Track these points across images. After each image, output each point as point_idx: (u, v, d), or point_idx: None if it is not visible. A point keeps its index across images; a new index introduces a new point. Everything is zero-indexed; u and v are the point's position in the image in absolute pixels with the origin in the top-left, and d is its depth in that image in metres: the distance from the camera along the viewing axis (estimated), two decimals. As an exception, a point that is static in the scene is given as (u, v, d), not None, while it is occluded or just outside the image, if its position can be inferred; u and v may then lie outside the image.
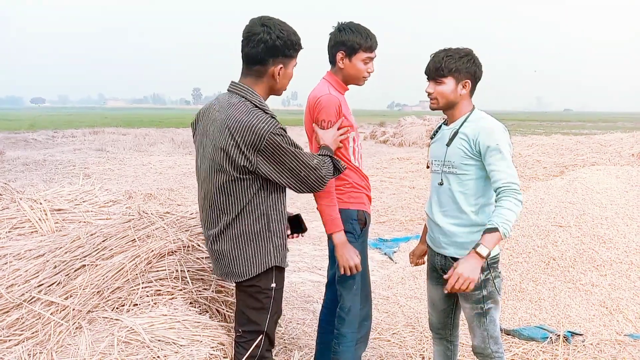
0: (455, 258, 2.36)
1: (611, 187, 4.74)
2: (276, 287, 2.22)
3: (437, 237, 2.45)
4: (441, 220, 2.40)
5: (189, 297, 2.79)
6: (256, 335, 2.23)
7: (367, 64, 2.56)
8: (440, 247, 2.45)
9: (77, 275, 2.78)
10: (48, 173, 11.55)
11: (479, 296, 2.38)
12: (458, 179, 2.33)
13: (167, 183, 10.42)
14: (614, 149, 10.22)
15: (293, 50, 2.11)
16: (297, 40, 2.12)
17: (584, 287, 3.97)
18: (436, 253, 2.50)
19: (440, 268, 2.49)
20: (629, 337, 3.57)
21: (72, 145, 18.13)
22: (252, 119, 2.02)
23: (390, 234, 6.96)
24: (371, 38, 2.53)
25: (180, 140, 20.06)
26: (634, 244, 4.16)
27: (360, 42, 2.49)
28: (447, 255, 2.42)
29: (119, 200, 4.19)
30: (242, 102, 2.08)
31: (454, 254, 2.39)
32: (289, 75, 2.17)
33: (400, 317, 4.12)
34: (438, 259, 2.49)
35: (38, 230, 3.39)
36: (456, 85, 2.30)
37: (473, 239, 2.30)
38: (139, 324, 2.42)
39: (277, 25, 2.06)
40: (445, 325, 2.66)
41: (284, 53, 2.08)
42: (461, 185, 2.33)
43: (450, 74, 2.29)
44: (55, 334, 2.52)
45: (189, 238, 2.98)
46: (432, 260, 2.57)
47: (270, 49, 2.05)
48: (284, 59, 2.10)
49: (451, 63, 2.27)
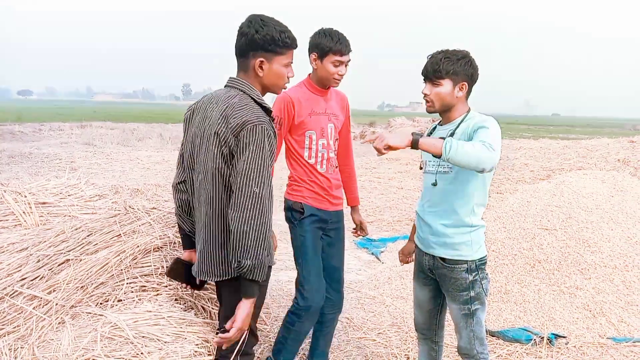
0: (444, 259, 2.39)
1: (597, 192, 4.78)
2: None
3: (427, 237, 2.45)
4: (432, 221, 2.41)
5: (174, 293, 2.77)
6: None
7: (337, 66, 2.74)
8: (429, 247, 2.46)
9: (60, 269, 2.75)
10: (34, 166, 11.43)
11: (467, 297, 2.38)
12: (452, 179, 2.33)
13: (155, 178, 10.35)
14: (600, 154, 10.31)
15: (275, 45, 2.06)
16: (282, 37, 2.06)
17: (568, 290, 4.00)
18: (424, 253, 2.50)
19: (429, 269, 2.50)
20: (612, 340, 3.61)
21: (59, 138, 17.97)
22: (248, 108, 2.01)
23: (378, 234, 6.97)
24: (342, 42, 2.70)
25: (169, 136, 19.95)
26: (618, 248, 4.20)
27: (330, 45, 2.69)
28: (436, 256, 2.42)
29: (105, 195, 4.15)
30: (240, 94, 2.09)
31: (442, 254, 2.40)
32: (275, 71, 2.12)
33: (386, 316, 4.13)
34: (426, 260, 2.49)
35: (22, 223, 3.35)
36: (453, 87, 2.29)
37: (463, 239, 2.35)
38: (123, 319, 2.39)
39: (260, 20, 2.05)
40: (430, 325, 2.66)
41: (263, 47, 2.05)
42: (455, 185, 2.32)
43: (448, 75, 2.27)
44: (38, 328, 2.49)
45: (175, 234, 2.96)
46: (419, 260, 2.57)
47: (249, 42, 2.06)
48: (264, 54, 2.07)
49: (449, 65, 2.26)
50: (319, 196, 2.87)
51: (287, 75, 2.17)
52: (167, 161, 12.68)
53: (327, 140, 2.87)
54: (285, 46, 2.09)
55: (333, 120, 2.90)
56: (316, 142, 2.83)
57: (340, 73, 2.76)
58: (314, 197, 2.87)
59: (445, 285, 2.45)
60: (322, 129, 2.83)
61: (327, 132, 2.86)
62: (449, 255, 2.38)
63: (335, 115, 2.92)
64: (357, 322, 4.02)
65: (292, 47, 2.13)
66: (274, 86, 2.17)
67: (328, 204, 2.91)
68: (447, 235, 2.37)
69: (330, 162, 2.90)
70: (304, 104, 2.79)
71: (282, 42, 2.07)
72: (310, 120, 2.79)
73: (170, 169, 11.59)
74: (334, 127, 2.90)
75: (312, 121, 2.80)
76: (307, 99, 2.81)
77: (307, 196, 2.86)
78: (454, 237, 2.36)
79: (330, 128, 2.88)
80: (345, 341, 3.70)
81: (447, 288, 2.44)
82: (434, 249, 2.43)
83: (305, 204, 2.85)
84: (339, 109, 2.97)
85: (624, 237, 4.30)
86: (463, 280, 2.38)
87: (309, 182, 2.86)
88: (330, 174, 2.90)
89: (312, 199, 2.86)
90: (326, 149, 2.87)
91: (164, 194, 8.81)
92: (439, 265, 2.43)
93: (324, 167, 2.87)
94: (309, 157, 2.84)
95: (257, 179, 1.94)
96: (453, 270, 2.39)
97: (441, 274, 2.44)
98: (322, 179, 2.87)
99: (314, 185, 2.86)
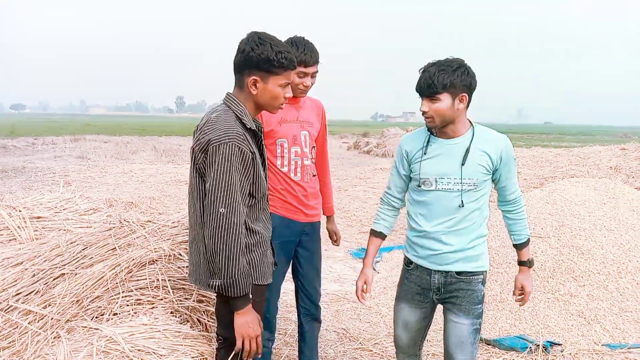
0: (460, 272, 2.30)
1: (589, 199, 4.82)
2: (255, 299, 2.16)
3: (443, 256, 2.30)
4: (455, 240, 2.28)
5: (169, 306, 2.76)
6: (230, 346, 2.20)
7: (302, 77, 2.73)
8: (443, 264, 2.31)
9: (56, 284, 2.75)
10: (27, 180, 11.38)
11: (480, 310, 2.34)
12: (476, 196, 2.26)
13: (149, 191, 10.33)
14: (593, 161, 10.39)
15: (270, 65, 2.04)
16: (278, 57, 2.04)
17: (562, 297, 4.02)
18: (435, 271, 2.34)
19: (437, 288, 2.35)
20: (606, 347, 3.63)
21: (53, 152, 17.89)
22: (219, 124, 2.01)
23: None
24: (306, 53, 2.69)
25: (163, 149, 19.91)
26: (611, 255, 4.23)
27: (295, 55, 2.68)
28: (452, 271, 2.31)
29: (99, 209, 4.15)
30: (223, 110, 2.09)
31: (464, 268, 2.30)
32: (270, 91, 2.10)
33: (382, 327, 4.13)
34: (437, 278, 2.34)
35: (17, 238, 3.34)
36: (453, 100, 2.15)
37: (482, 250, 2.34)
38: (119, 333, 2.39)
39: (258, 38, 2.05)
40: (416, 342, 2.54)
41: (258, 66, 2.05)
42: (477, 202, 2.27)
43: (445, 90, 2.13)
44: (33, 343, 2.48)
45: (171, 247, 2.97)
46: (419, 281, 2.40)
47: (245, 59, 2.06)
48: (259, 72, 2.06)
49: (445, 78, 2.11)
50: (292, 206, 2.83)
51: (282, 96, 2.13)
52: (161, 174, 12.65)
53: (301, 148, 2.83)
54: (281, 67, 2.06)
55: (307, 128, 2.87)
56: (288, 149, 2.79)
57: (305, 84, 2.75)
58: (286, 207, 2.82)
59: (457, 299, 2.33)
60: (294, 137, 2.80)
61: (300, 139, 2.82)
62: (471, 267, 2.30)
63: (310, 122, 2.89)
64: (353, 332, 4.02)
65: (289, 67, 2.09)
66: (269, 106, 2.15)
67: (302, 215, 2.86)
68: (468, 249, 2.29)
69: (305, 170, 2.85)
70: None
71: (277, 62, 2.04)
72: (281, 128, 2.77)
73: (165, 182, 11.57)
74: (308, 135, 2.87)
75: (282, 129, 2.77)
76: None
77: (278, 206, 2.81)
78: (475, 249, 2.30)
79: (304, 135, 2.85)
80: (342, 352, 3.70)
81: (460, 302, 2.32)
82: (451, 265, 2.30)
83: (274, 213, 2.76)
84: (314, 117, 2.95)
85: (617, 244, 4.33)
86: (479, 292, 2.33)
87: (282, 191, 2.81)
88: (306, 182, 2.85)
89: (284, 209, 2.82)
90: (300, 156, 2.83)
91: (159, 207, 8.80)
92: (452, 281, 2.32)
93: (298, 175, 2.82)
94: (281, 165, 2.80)
95: (224, 199, 1.93)
96: (471, 282, 2.31)
97: (456, 289, 2.32)
98: (296, 188, 2.82)
99: (287, 194, 2.81)
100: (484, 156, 2.22)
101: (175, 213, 5.06)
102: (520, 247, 2.45)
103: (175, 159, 17.22)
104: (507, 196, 2.36)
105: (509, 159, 2.28)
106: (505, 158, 2.25)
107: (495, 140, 2.25)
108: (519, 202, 2.38)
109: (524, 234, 2.42)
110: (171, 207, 8.89)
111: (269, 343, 2.88)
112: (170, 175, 12.35)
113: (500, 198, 2.40)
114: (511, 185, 2.33)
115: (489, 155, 2.22)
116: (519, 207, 2.39)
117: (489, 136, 2.26)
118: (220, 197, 1.93)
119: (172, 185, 11.02)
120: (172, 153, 18.45)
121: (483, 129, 2.28)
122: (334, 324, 4.19)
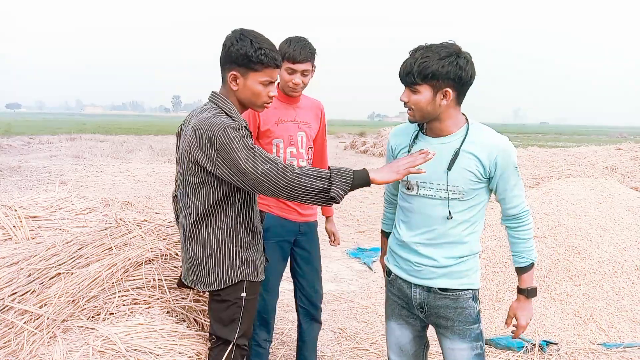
0: (444, 289, 1.99)
1: (585, 199, 4.83)
2: (247, 296, 2.18)
3: (423, 269, 2.01)
4: (434, 253, 1.98)
5: (166, 306, 2.76)
6: (226, 344, 2.21)
7: (290, 74, 2.68)
8: (424, 278, 2.01)
9: (52, 283, 2.74)
10: (23, 180, 11.34)
11: (477, 331, 2.02)
12: (464, 206, 1.93)
13: (145, 191, 10.31)
14: (588, 161, 10.44)
15: (249, 62, 2.01)
16: (256, 54, 1.99)
17: (558, 296, 4.03)
18: (414, 285, 2.05)
19: (419, 304, 2.05)
20: (602, 346, 3.64)
21: (49, 151, 17.85)
22: (212, 119, 2.00)
23: (370, 243, 6.99)
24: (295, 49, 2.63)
25: (159, 148, 19.89)
26: (607, 255, 4.24)
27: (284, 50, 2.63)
28: (434, 287, 2.00)
29: (95, 208, 4.14)
30: (212, 108, 2.08)
31: (446, 285, 1.99)
32: (249, 88, 2.06)
33: (379, 326, 4.13)
34: (417, 293, 2.04)
35: (12, 237, 3.33)
36: (433, 94, 1.82)
37: (469, 266, 2.00)
38: (115, 333, 2.38)
39: (240, 34, 2.03)
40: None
41: (236, 61, 2.02)
42: (467, 213, 1.95)
43: (425, 81, 1.80)
44: (29, 343, 2.47)
45: (167, 246, 2.96)
46: (402, 295, 2.11)
47: (226, 55, 2.05)
48: (238, 68, 2.04)
49: (427, 67, 1.78)
50: (285, 205, 2.79)
51: (265, 94, 2.09)
52: (157, 173, 12.64)
53: (297, 149, 2.80)
54: (260, 63, 2.01)
55: (304, 129, 2.84)
56: (284, 150, 2.77)
57: (295, 82, 2.68)
58: (280, 206, 2.79)
59: (447, 320, 2.02)
60: (290, 137, 2.78)
61: (296, 140, 2.80)
62: (455, 285, 1.98)
63: (307, 123, 2.86)
64: (350, 332, 4.03)
65: (269, 65, 2.03)
66: (250, 103, 2.12)
67: (296, 214, 2.83)
68: (453, 265, 1.98)
69: None
70: (270, 112, 2.72)
71: (255, 58, 2.00)
72: (277, 128, 2.75)
73: (161, 181, 11.56)
74: (305, 135, 2.84)
75: (279, 129, 2.75)
76: (275, 107, 2.73)
77: (272, 205, 2.79)
78: (460, 265, 1.98)
79: (301, 136, 2.82)
80: (339, 351, 3.70)
81: (452, 323, 2.01)
82: (432, 280, 2.00)
83: (268, 213, 2.76)
84: (312, 117, 2.91)
85: (613, 243, 4.34)
86: (471, 310, 2.00)
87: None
88: None
89: (278, 208, 2.79)
90: (295, 157, 2.80)
91: (155, 206, 8.79)
92: (436, 297, 2.00)
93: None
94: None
95: (261, 158, 1.91)
96: (458, 299, 1.99)
97: (441, 306, 2.00)
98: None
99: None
100: (474, 160, 1.88)
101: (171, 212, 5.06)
102: (520, 271, 2.04)
103: (172, 158, 17.17)
104: (506, 210, 1.99)
105: (507, 166, 1.89)
106: (501, 164, 1.87)
107: (490, 142, 1.88)
108: (522, 219, 1.98)
109: (525, 257, 2.01)
110: (167, 206, 8.88)
111: (266, 344, 2.88)
112: (167, 174, 12.34)
113: (502, 211, 2.03)
114: (511, 198, 1.95)
115: (480, 159, 1.87)
116: (522, 225, 1.99)
117: (484, 138, 1.89)
118: (258, 160, 1.90)
119: (169, 185, 11.00)
120: (168, 152, 18.40)
121: (478, 129, 1.92)
122: (330, 323, 4.19)
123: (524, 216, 1.98)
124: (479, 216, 1.99)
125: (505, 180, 1.91)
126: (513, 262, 2.06)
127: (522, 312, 2.04)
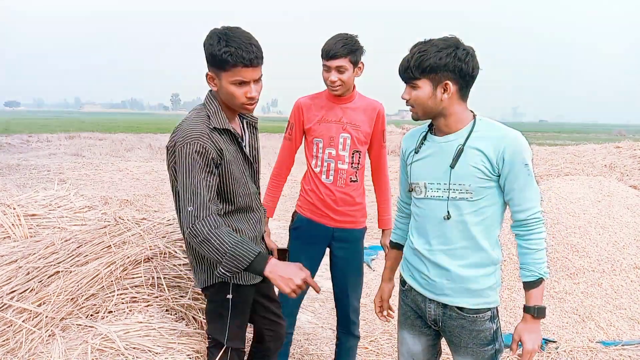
0: (462, 308, 1.87)
1: (584, 197, 4.84)
2: (234, 299, 2.13)
3: (437, 282, 1.89)
4: (447, 262, 1.86)
5: (165, 304, 2.76)
6: (219, 346, 2.20)
7: (327, 72, 2.59)
8: (440, 294, 1.90)
9: (50, 281, 2.74)
10: (22, 178, 11.32)
11: (492, 351, 1.90)
12: (473, 206, 1.81)
13: (144, 189, 10.30)
14: (587, 159, 10.44)
15: (217, 61, 1.92)
16: (219, 53, 1.89)
17: (557, 294, 4.04)
18: (430, 300, 1.95)
19: (433, 320, 1.97)
20: (601, 344, 3.65)
21: (47, 149, 17.81)
22: (184, 125, 1.98)
23: (369, 241, 6.98)
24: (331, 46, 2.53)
25: (158, 146, 19.86)
26: (605, 253, 4.24)
27: (324, 49, 2.57)
28: (452, 305, 1.89)
29: (94, 206, 4.14)
30: (199, 109, 2.06)
31: (463, 304, 1.86)
32: (224, 88, 1.97)
33: (377, 324, 4.14)
34: (433, 308, 1.95)
35: (11, 235, 3.33)
36: (433, 88, 1.77)
37: (489, 283, 1.86)
38: (114, 331, 2.38)
39: (213, 34, 1.94)
40: None
41: (209, 62, 1.97)
42: (478, 214, 1.82)
43: (424, 75, 1.75)
44: (27, 341, 2.47)
45: (166, 245, 2.96)
46: (416, 307, 2.03)
47: (205, 55, 1.99)
48: (212, 68, 1.98)
49: (424, 61, 1.73)
50: (317, 209, 2.73)
51: (240, 94, 1.98)
52: (156, 171, 12.62)
53: (337, 151, 2.68)
54: (226, 63, 1.90)
55: (349, 130, 2.66)
56: (323, 150, 2.68)
57: (330, 79, 2.57)
58: (311, 209, 2.75)
59: (461, 340, 1.92)
60: (331, 138, 2.66)
61: (337, 141, 2.67)
62: (473, 304, 1.86)
63: (355, 125, 2.68)
64: (348, 330, 4.02)
65: (237, 64, 1.90)
66: (230, 104, 2.04)
67: (329, 220, 2.74)
68: (472, 279, 1.84)
69: (339, 173, 2.69)
70: (314, 110, 2.69)
71: (220, 58, 1.90)
72: (319, 127, 2.67)
73: (160, 179, 11.54)
74: (349, 138, 2.67)
75: (320, 128, 2.67)
76: (321, 106, 2.69)
77: (304, 206, 2.77)
78: (479, 281, 1.84)
79: (344, 138, 2.67)
80: (337, 349, 3.70)
81: (466, 344, 1.91)
82: (448, 297, 1.88)
83: (299, 214, 2.77)
84: (364, 119, 2.70)
85: (611, 241, 4.35)
86: (487, 332, 1.88)
87: (309, 191, 2.75)
88: (338, 187, 2.70)
89: (309, 211, 2.76)
90: (334, 159, 2.68)
91: (154, 205, 8.79)
92: (452, 316, 1.90)
93: (330, 177, 2.70)
94: (315, 165, 2.72)
95: (191, 197, 1.89)
96: (475, 322, 1.87)
97: (456, 326, 1.91)
98: (324, 190, 2.70)
99: (313, 195, 2.73)
100: (480, 156, 1.77)
101: (170, 211, 5.06)
102: (527, 287, 1.83)
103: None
104: (515, 214, 1.82)
105: (515, 163, 1.74)
106: (509, 160, 1.74)
107: (498, 136, 1.77)
108: (532, 226, 1.80)
109: (533, 270, 1.80)
110: (166, 204, 8.88)
111: (289, 336, 2.85)
112: (166, 172, 12.25)
113: (511, 216, 1.85)
114: (520, 200, 1.78)
115: (486, 154, 1.76)
116: (532, 233, 1.80)
117: (492, 132, 1.79)
118: (187, 197, 1.90)
119: (168, 183, 10.95)
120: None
121: (487, 124, 1.82)
122: (329, 321, 4.20)
123: (534, 223, 1.79)
124: (493, 220, 1.84)
125: (513, 178, 1.75)
126: (520, 275, 1.87)
127: (528, 336, 1.81)
